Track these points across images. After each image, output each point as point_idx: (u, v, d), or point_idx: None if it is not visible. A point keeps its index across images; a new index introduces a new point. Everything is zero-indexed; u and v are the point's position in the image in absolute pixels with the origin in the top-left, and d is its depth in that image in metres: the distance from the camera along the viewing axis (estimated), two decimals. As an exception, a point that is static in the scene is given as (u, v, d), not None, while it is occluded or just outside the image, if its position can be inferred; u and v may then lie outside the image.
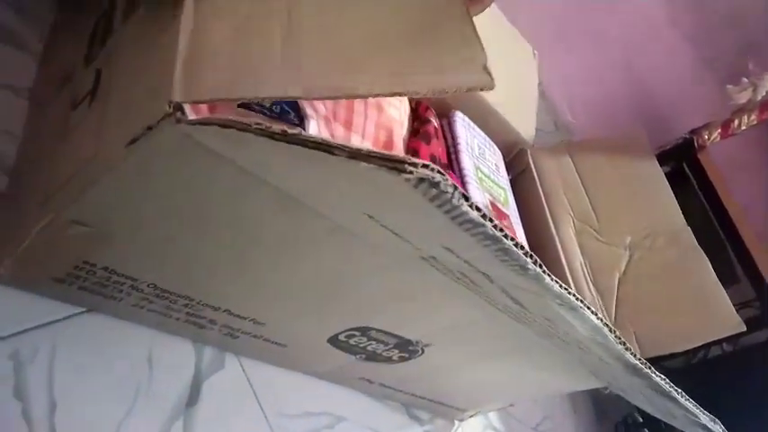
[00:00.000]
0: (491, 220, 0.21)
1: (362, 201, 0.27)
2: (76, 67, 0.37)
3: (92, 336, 0.40)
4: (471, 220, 0.21)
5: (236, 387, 0.48)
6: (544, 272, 0.24)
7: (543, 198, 0.67)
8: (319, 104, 0.45)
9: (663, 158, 0.91)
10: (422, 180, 0.19)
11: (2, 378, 0.35)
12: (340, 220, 0.31)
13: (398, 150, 0.54)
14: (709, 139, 0.88)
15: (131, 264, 0.36)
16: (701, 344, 0.61)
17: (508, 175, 0.67)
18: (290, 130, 0.22)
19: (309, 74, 0.27)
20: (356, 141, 0.50)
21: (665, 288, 0.61)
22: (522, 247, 0.23)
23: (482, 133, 0.64)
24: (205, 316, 0.42)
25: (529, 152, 0.70)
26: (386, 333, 0.46)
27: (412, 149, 0.55)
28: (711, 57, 1.10)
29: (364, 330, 0.45)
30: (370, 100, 0.52)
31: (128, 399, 0.40)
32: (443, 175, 0.19)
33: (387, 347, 0.48)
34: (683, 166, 0.95)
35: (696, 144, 0.90)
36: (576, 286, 0.63)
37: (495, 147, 0.66)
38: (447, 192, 0.19)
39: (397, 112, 0.54)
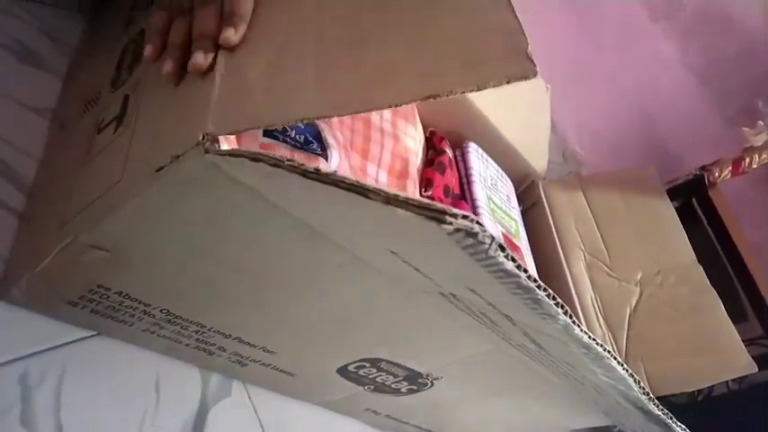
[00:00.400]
0: (525, 271, 0.21)
1: (388, 239, 0.26)
2: (102, 91, 0.37)
3: (100, 360, 0.40)
4: (505, 270, 0.20)
5: (242, 415, 0.47)
6: (574, 322, 0.24)
7: (554, 231, 0.67)
8: (338, 133, 0.45)
9: (672, 194, 0.91)
10: (458, 229, 0.19)
11: (9, 403, 0.34)
12: (361, 253, 0.31)
13: (413, 180, 0.54)
14: (719, 176, 0.88)
15: (146, 289, 0.36)
16: (711, 384, 0.61)
17: (519, 206, 0.67)
18: (323, 169, 0.22)
19: (340, 93, 0.26)
20: (372, 170, 0.50)
21: (676, 326, 0.61)
22: (555, 298, 0.22)
23: (495, 164, 0.65)
24: (215, 343, 0.42)
25: (540, 184, 0.70)
26: (396, 365, 0.45)
27: (426, 179, 0.55)
28: (721, 94, 1.11)
29: (375, 362, 0.45)
30: (387, 129, 0.52)
31: (134, 425, 0.39)
32: (482, 225, 0.19)
33: (396, 379, 0.47)
34: (693, 201, 0.95)
35: (707, 181, 0.90)
36: (586, 320, 0.62)
37: (507, 178, 0.66)
38: (484, 243, 0.19)
39: (413, 142, 0.54)
